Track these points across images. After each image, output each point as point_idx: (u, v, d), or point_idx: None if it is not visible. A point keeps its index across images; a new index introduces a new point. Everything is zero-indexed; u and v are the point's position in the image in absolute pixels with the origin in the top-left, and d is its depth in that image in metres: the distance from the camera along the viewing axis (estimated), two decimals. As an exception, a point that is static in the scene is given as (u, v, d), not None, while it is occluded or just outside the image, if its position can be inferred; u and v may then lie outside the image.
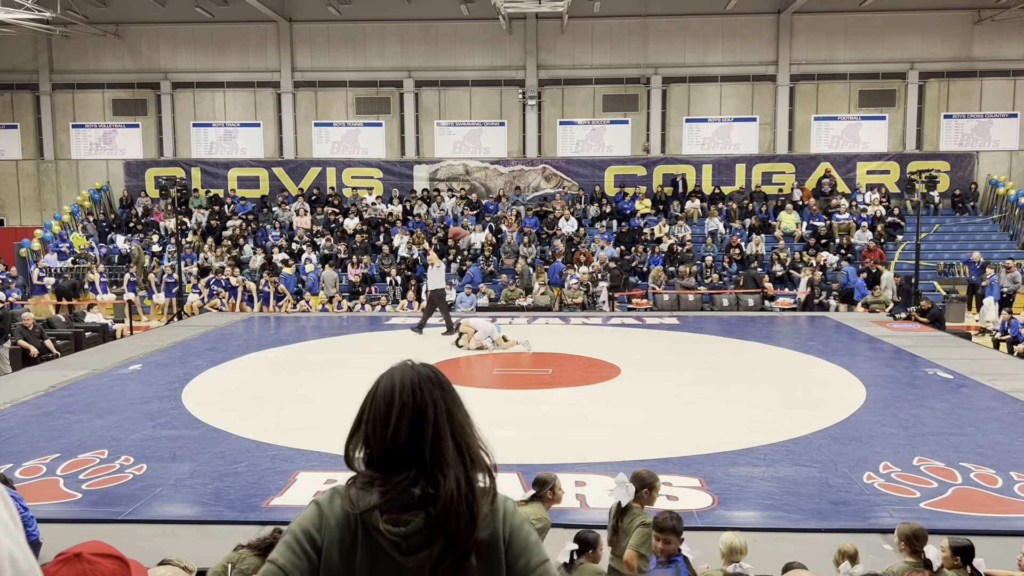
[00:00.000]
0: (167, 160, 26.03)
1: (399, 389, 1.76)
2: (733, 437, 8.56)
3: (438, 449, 1.73)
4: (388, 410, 1.75)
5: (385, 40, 25.63)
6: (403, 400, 1.75)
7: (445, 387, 1.81)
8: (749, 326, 17.13)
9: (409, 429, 1.73)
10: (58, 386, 11.34)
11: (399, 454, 1.74)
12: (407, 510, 1.69)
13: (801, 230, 22.98)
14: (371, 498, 1.71)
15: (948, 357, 12.96)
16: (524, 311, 19.52)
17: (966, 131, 25.04)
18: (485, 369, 12.85)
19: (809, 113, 25.33)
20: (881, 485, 7.09)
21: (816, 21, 24.73)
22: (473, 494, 1.74)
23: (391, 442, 1.73)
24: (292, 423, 9.30)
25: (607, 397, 10.64)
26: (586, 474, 7.40)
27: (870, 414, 9.57)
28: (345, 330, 17.09)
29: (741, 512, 6.58)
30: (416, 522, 1.69)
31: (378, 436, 1.75)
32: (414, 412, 1.74)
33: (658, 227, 23.16)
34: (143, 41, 25.94)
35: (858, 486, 7.07)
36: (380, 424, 1.75)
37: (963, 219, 23.76)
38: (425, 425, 1.74)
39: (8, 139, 26.45)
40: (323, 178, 25.67)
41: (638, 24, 25.10)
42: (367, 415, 1.78)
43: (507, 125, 25.80)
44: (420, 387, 1.77)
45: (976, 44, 24.67)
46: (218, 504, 6.80)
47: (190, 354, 13.92)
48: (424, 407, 1.75)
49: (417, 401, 1.75)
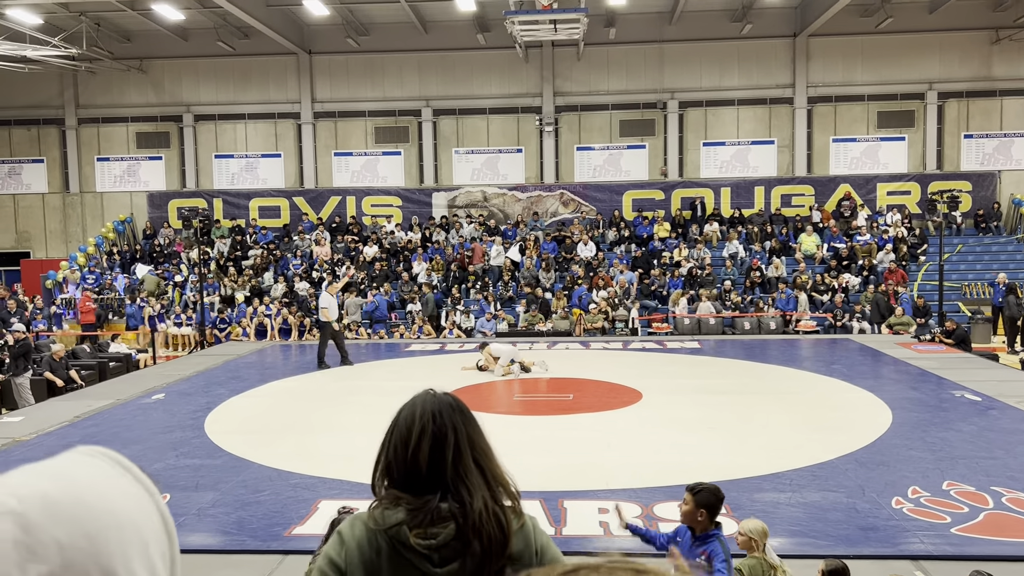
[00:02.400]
0: (189, 191, 26.39)
1: (419, 413, 1.81)
2: (757, 462, 8.45)
3: (461, 472, 1.77)
4: (408, 433, 1.79)
5: (403, 70, 25.94)
6: (423, 424, 1.79)
7: (465, 413, 1.85)
8: (772, 349, 16.98)
9: (430, 452, 1.77)
10: (83, 416, 11.43)
11: (421, 477, 1.77)
12: (435, 523, 1.73)
13: (822, 252, 22.83)
14: (398, 515, 1.75)
15: (975, 379, 12.76)
16: (544, 336, 19.49)
17: (987, 150, 24.85)
18: (506, 395, 12.82)
19: (827, 135, 25.27)
20: (910, 510, 6.96)
21: (832, 44, 24.75)
22: (502, 511, 1.77)
23: (412, 464, 1.77)
24: (313, 451, 9.30)
25: (629, 422, 10.56)
26: (610, 501, 7.32)
27: (897, 438, 9.43)
28: (364, 358, 17.13)
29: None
30: (446, 533, 1.72)
31: (399, 458, 1.79)
32: (434, 435, 1.78)
33: (677, 250, 23.11)
34: (166, 75, 26.43)
35: (887, 511, 6.94)
36: (401, 447, 1.79)
37: (986, 239, 23.50)
38: (446, 449, 1.78)
39: (35, 173, 26.95)
40: (343, 207, 25.89)
41: (654, 50, 25.24)
42: (390, 440, 1.83)
43: (524, 151, 25.95)
44: (440, 412, 1.81)
45: (995, 63, 24.56)
46: (241, 533, 6.80)
47: (212, 383, 14.00)
48: (444, 431, 1.79)
49: (437, 425, 1.79)
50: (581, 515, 7.02)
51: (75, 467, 0.76)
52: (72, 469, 0.75)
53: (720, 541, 4.18)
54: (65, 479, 0.73)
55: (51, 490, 0.72)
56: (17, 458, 9.19)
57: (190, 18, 23.38)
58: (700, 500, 4.20)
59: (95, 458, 0.78)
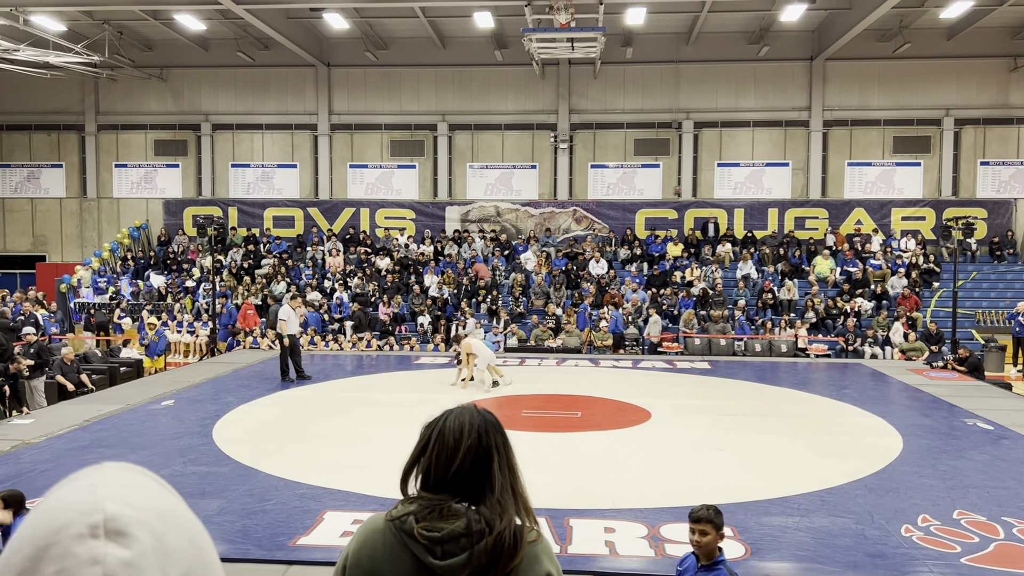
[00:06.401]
0: (205, 199, 26.58)
1: (468, 430, 1.90)
2: (766, 485, 8.39)
3: (497, 490, 1.86)
4: (456, 446, 1.88)
5: (420, 84, 26.10)
6: (471, 440, 1.89)
7: (503, 434, 1.96)
8: (782, 372, 16.89)
9: (471, 466, 1.87)
10: (92, 420, 11.48)
11: (456, 487, 1.86)
12: (444, 519, 1.80)
13: (835, 276, 22.73)
14: (411, 507, 1.85)
15: (988, 407, 12.64)
16: (553, 352, 19.46)
17: (1003, 178, 24.75)
18: (514, 411, 12.78)
19: (843, 158, 25.23)
20: (920, 538, 6.89)
21: (849, 68, 24.76)
22: (521, 526, 1.86)
23: (453, 476, 1.86)
24: (321, 461, 9.30)
25: (637, 442, 10.51)
26: (616, 520, 7.29)
27: (907, 464, 9.34)
28: (375, 369, 17.14)
29: (775, 563, 6.42)
30: (451, 528, 1.79)
31: (439, 468, 1.88)
32: (478, 452, 1.88)
33: (689, 270, 23.07)
34: (186, 84, 26.70)
35: (896, 539, 6.87)
36: (446, 459, 1.88)
37: (1001, 267, 23.35)
38: (491, 465, 1.88)
39: (53, 177, 27.23)
40: (357, 218, 26.00)
41: (670, 70, 25.31)
42: (432, 447, 1.90)
43: (539, 168, 26.02)
44: (487, 431, 1.92)
45: (1013, 91, 24.49)
46: (246, 542, 6.79)
47: (222, 391, 14.04)
48: (489, 449, 1.90)
49: (483, 444, 1.90)
50: (587, 534, 6.98)
51: (139, 478, 0.80)
52: (139, 480, 0.79)
53: (726, 566, 4.15)
54: (149, 491, 0.78)
55: (154, 501, 0.76)
56: (27, 461, 9.24)
57: (211, 28, 23.64)
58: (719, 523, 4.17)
59: (136, 473, 0.81)
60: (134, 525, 0.72)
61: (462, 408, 1.97)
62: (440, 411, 1.98)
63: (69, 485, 0.76)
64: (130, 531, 0.71)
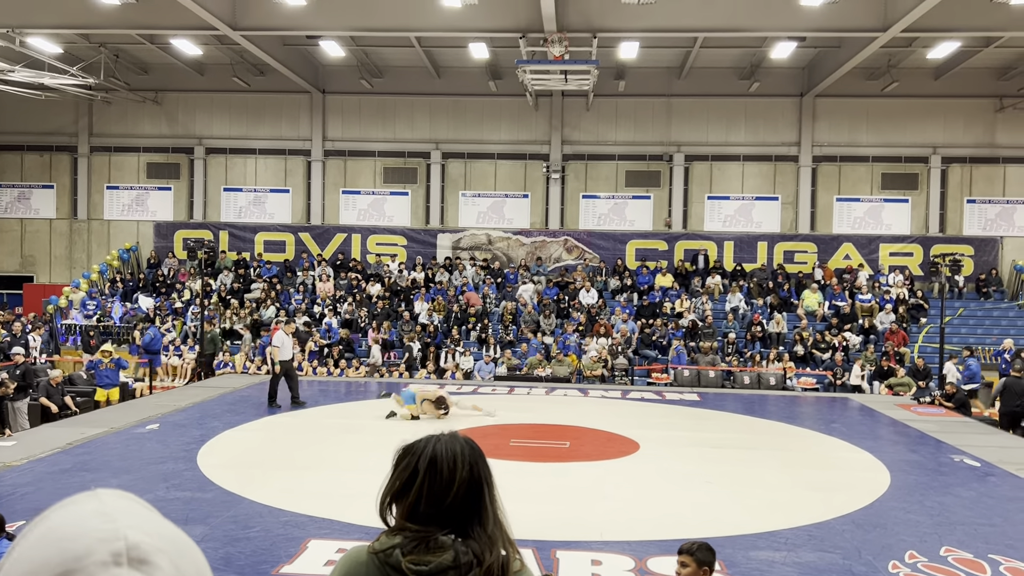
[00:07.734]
0: (196, 223, 26.55)
1: (460, 460, 1.85)
2: (753, 519, 8.36)
3: (487, 521, 1.83)
4: (452, 478, 1.82)
5: (414, 113, 26.29)
6: (464, 473, 1.84)
7: (487, 462, 1.92)
8: (771, 405, 16.90)
9: (463, 499, 1.82)
10: (75, 443, 11.35)
11: (446, 519, 1.81)
12: (431, 552, 1.76)
13: (823, 310, 22.85)
14: (395, 540, 1.80)
15: (975, 444, 12.67)
16: (543, 381, 19.41)
17: (990, 216, 25.03)
18: (502, 440, 12.72)
19: (831, 194, 25.48)
20: (907, 575, 6.87)
21: (838, 105, 25.09)
22: (507, 557, 1.83)
23: (447, 508, 1.81)
24: (305, 489, 9.21)
25: (626, 473, 10.47)
26: (603, 552, 7.24)
27: (895, 500, 9.33)
28: (362, 395, 17.05)
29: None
30: (439, 561, 1.74)
31: (433, 499, 1.82)
32: (471, 484, 1.84)
33: (679, 302, 23.15)
34: (180, 108, 26.79)
35: (883, 575, 6.85)
36: (440, 490, 1.82)
37: (988, 304, 23.53)
38: (482, 497, 1.84)
39: (44, 198, 27.17)
40: (348, 244, 26.02)
41: (662, 103, 25.59)
42: (423, 477, 1.83)
43: (530, 197, 26.16)
44: (475, 461, 1.87)
45: (999, 131, 24.87)
46: (227, 570, 6.70)
47: (207, 415, 13.93)
48: (480, 481, 1.85)
49: (475, 476, 1.85)
50: (574, 565, 6.92)
51: (139, 505, 0.80)
52: (143, 508, 0.80)
53: None
54: (158, 519, 0.80)
55: (167, 529, 0.78)
56: (7, 484, 9.11)
57: (207, 53, 23.78)
58: (701, 558, 4.14)
59: (132, 500, 0.81)
60: (155, 553, 0.72)
61: (450, 436, 1.89)
62: (416, 437, 1.92)
63: (73, 509, 0.76)
64: (152, 559, 0.72)
